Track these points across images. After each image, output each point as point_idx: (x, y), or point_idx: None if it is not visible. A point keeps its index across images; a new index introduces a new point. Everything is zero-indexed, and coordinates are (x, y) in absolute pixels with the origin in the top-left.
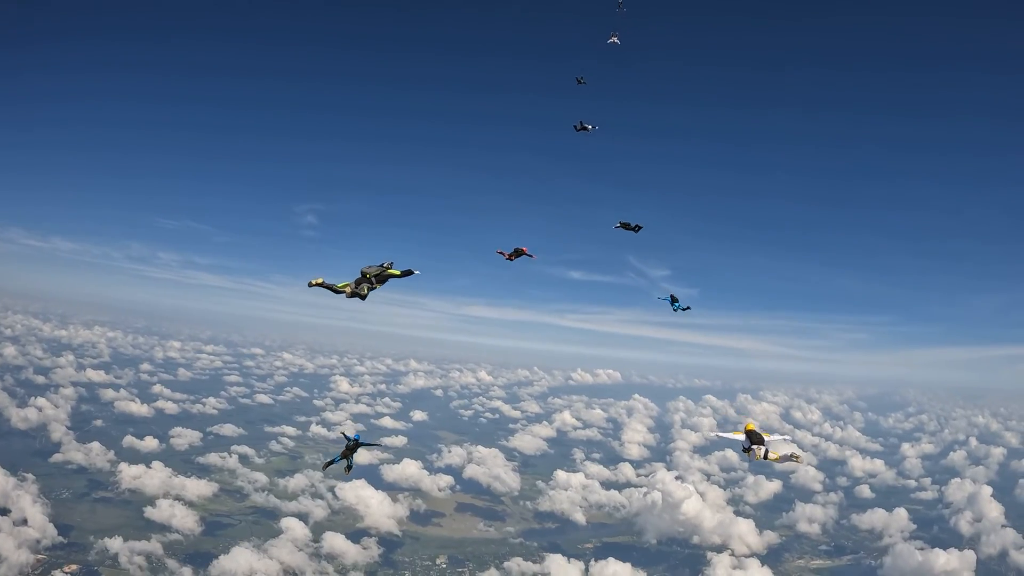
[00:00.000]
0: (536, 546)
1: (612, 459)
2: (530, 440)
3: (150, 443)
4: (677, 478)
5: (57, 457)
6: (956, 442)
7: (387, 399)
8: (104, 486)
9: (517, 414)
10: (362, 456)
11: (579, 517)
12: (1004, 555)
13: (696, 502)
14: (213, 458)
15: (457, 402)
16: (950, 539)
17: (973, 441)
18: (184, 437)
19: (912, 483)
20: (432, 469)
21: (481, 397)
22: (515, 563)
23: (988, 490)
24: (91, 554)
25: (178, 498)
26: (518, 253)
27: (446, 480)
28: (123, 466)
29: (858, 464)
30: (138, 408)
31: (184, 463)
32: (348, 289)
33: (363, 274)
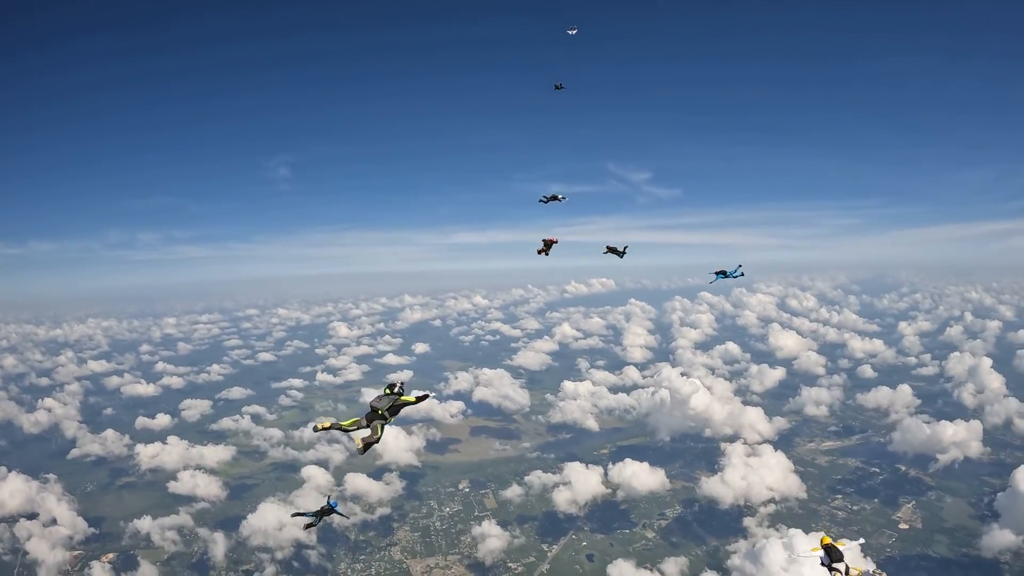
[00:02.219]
0: (553, 458)
1: (616, 364)
2: (533, 356)
3: (162, 420)
4: (683, 375)
5: (75, 453)
6: (952, 318)
7: (387, 337)
8: (125, 471)
9: (517, 333)
10: (371, 395)
11: (591, 424)
12: (1009, 424)
13: (704, 396)
14: (226, 423)
15: (457, 329)
16: (955, 411)
17: (968, 316)
18: (194, 408)
19: (912, 360)
20: (441, 397)
21: (480, 321)
22: (535, 476)
23: (988, 362)
24: (124, 539)
25: (199, 468)
26: (549, 244)
27: (457, 406)
28: (140, 448)
29: (858, 346)
30: (145, 389)
31: (199, 433)
32: (359, 442)
33: (373, 409)
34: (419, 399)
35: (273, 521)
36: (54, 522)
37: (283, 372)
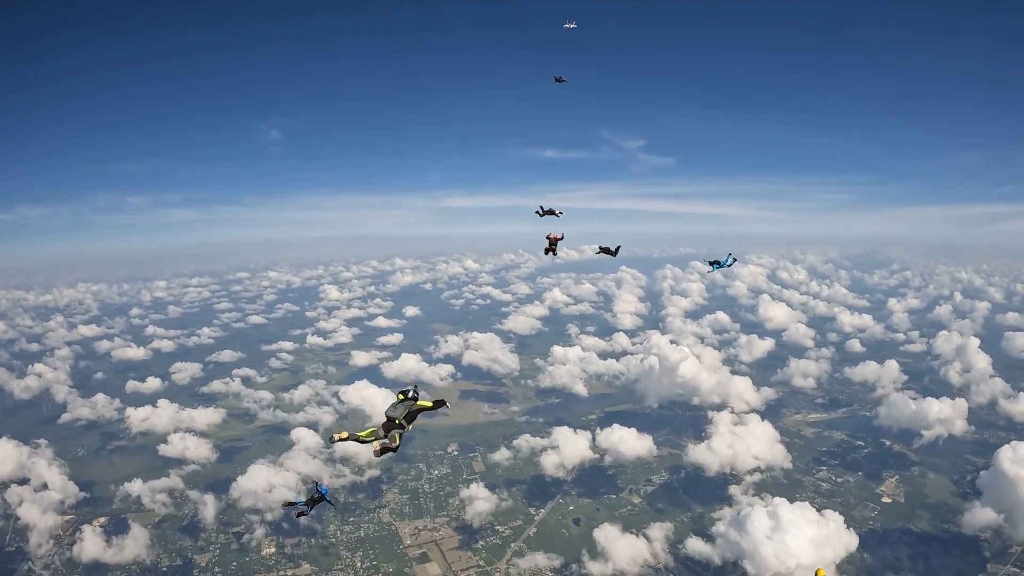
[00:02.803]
0: (542, 422)
1: (606, 330)
2: (524, 320)
3: (153, 383)
4: (672, 342)
5: (65, 417)
6: (941, 297)
7: (378, 299)
8: (116, 435)
9: (508, 297)
10: (361, 357)
11: (580, 389)
12: (994, 404)
13: (692, 364)
14: (216, 386)
15: (447, 293)
16: (941, 389)
17: (958, 296)
18: (185, 371)
19: (901, 336)
20: (431, 360)
21: (470, 285)
22: (523, 440)
23: (975, 342)
24: (115, 503)
25: (189, 431)
26: (554, 242)
27: (446, 369)
28: (130, 411)
29: (847, 320)
30: (135, 352)
31: (189, 396)
32: (377, 446)
33: (389, 418)
34: (436, 404)
35: (263, 483)
36: (45, 487)
37: (273, 335)
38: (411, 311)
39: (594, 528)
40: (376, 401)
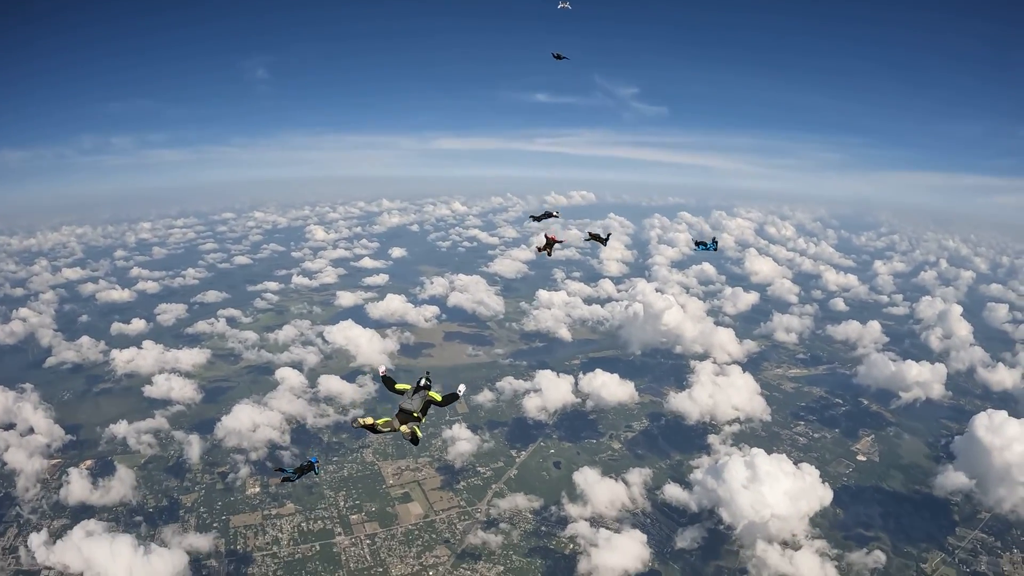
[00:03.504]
0: (525, 365)
1: (592, 277)
2: (510, 264)
3: (137, 325)
4: (657, 291)
5: (51, 361)
6: (927, 263)
7: (364, 240)
8: (101, 378)
9: (495, 240)
10: (346, 298)
11: (564, 334)
12: (972, 371)
13: (677, 313)
14: (201, 326)
15: (434, 235)
16: (921, 353)
17: (943, 263)
18: (170, 312)
19: (884, 299)
20: (416, 302)
21: (457, 228)
22: (507, 382)
23: (958, 309)
24: (101, 445)
25: (174, 371)
26: (551, 243)
27: (432, 311)
28: (115, 353)
29: (832, 278)
30: (120, 294)
31: (174, 337)
32: (406, 430)
33: (404, 410)
34: (446, 399)
35: (247, 423)
36: (31, 431)
37: (259, 275)
38: (397, 252)
39: (574, 471)
40: (360, 341)
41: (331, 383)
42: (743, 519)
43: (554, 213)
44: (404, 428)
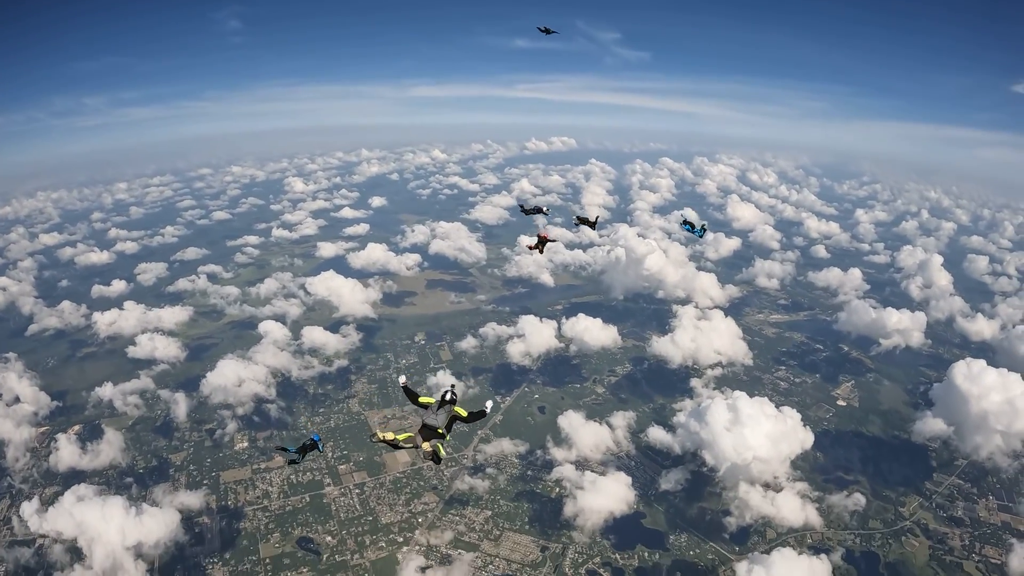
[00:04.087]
0: (508, 311)
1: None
2: (491, 211)
3: (118, 286)
4: (639, 236)
5: (33, 328)
6: (908, 213)
7: (344, 191)
8: (85, 342)
9: (475, 187)
10: (327, 249)
11: (547, 279)
12: (951, 320)
13: (659, 258)
14: (183, 284)
15: (414, 183)
16: (901, 301)
17: (925, 213)
18: (150, 272)
19: (866, 247)
20: (398, 250)
21: (438, 175)
22: (490, 328)
23: (939, 259)
24: (88, 410)
25: (157, 331)
26: (543, 241)
27: (413, 259)
28: (97, 316)
29: (814, 226)
30: (99, 257)
31: (156, 296)
32: (427, 447)
33: (426, 426)
34: (473, 416)
35: (232, 378)
36: (17, 400)
37: (238, 230)
38: (377, 201)
39: (558, 416)
40: (343, 291)
41: (315, 334)
42: (726, 461)
43: (544, 210)
44: (426, 445)
